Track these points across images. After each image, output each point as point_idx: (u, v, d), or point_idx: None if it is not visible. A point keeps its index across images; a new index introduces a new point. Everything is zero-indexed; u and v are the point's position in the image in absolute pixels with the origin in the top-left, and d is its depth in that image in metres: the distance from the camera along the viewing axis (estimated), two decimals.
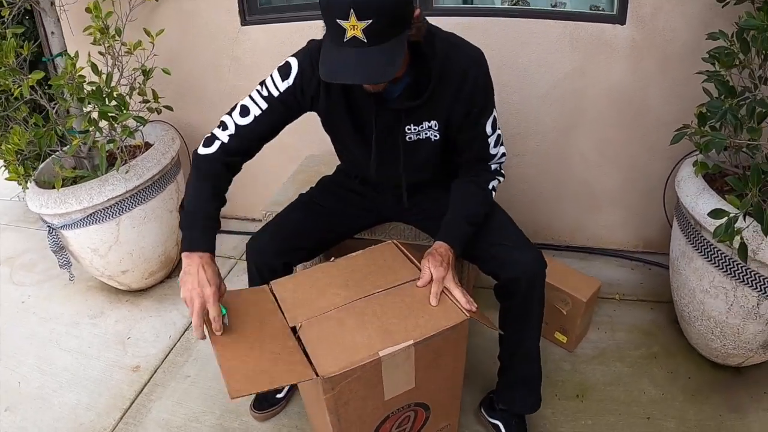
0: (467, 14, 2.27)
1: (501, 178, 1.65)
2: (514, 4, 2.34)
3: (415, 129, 1.55)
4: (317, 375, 1.20)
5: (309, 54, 1.50)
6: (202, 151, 1.50)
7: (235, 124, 1.51)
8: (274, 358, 1.23)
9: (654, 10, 2.10)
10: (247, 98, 1.53)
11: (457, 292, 1.39)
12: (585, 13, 2.25)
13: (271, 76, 1.52)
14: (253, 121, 1.51)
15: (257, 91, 1.52)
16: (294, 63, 1.51)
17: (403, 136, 1.56)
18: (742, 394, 1.95)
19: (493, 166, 1.63)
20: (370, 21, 1.16)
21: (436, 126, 1.54)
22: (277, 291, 1.46)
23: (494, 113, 1.55)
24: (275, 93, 1.51)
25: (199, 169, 1.50)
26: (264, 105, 1.51)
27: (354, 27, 1.17)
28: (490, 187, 1.61)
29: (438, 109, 1.50)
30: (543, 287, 1.60)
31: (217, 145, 1.50)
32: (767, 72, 1.68)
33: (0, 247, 3.16)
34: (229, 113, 1.53)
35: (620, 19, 2.15)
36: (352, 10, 1.15)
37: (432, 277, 1.40)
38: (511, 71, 2.31)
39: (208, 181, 1.48)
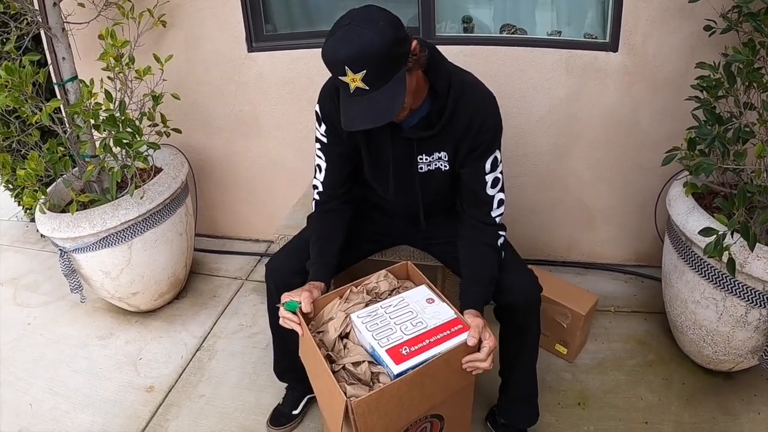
0: (467, 43, 2.36)
1: (505, 233, 1.68)
2: (512, 33, 2.44)
3: (426, 159, 1.64)
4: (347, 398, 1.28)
5: (324, 93, 1.66)
6: (312, 211, 1.82)
7: (320, 182, 1.77)
8: (319, 393, 1.33)
9: (644, 38, 2.21)
10: (315, 158, 1.77)
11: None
12: (579, 42, 2.36)
13: (316, 128, 1.73)
14: (326, 173, 1.75)
15: (316, 147, 1.75)
16: (317, 107, 1.68)
17: (416, 166, 1.65)
18: (734, 398, 2.05)
19: (495, 216, 1.66)
20: (365, 71, 1.28)
21: (445, 157, 1.63)
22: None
23: (496, 154, 1.61)
24: (324, 140, 1.71)
25: (310, 229, 1.79)
26: (323, 155, 1.74)
27: (354, 80, 1.30)
28: (500, 244, 1.66)
29: (448, 141, 1.59)
30: (538, 309, 1.69)
31: (314, 204, 1.81)
32: (751, 98, 1.80)
33: (1, 268, 3.15)
34: (315, 176, 1.79)
35: (613, 47, 2.26)
36: (346, 67, 1.28)
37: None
38: (509, 97, 2.40)
39: (312, 238, 1.74)
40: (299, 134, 2.77)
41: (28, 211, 3.42)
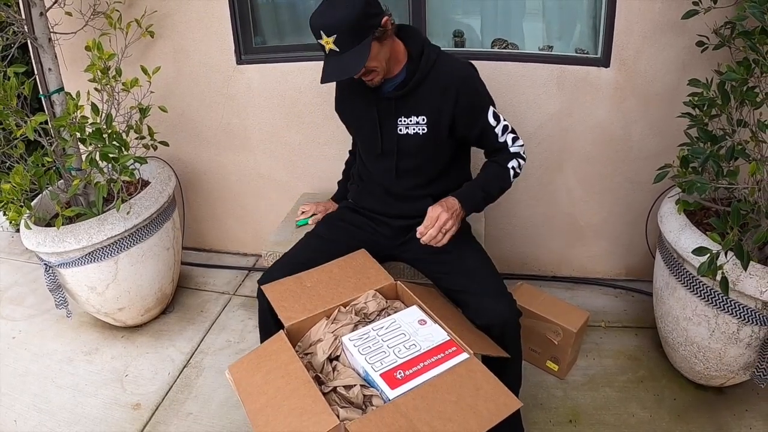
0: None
1: (522, 160, 1.85)
2: (503, 48, 2.43)
3: (405, 121, 1.79)
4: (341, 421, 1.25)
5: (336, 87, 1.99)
6: None
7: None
8: (300, 412, 1.27)
9: (636, 54, 2.21)
10: None
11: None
12: (571, 57, 2.37)
13: None
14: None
15: None
16: None
17: (396, 127, 1.80)
18: (726, 413, 2.04)
19: (512, 150, 1.83)
20: (335, 35, 1.54)
21: (423, 121, 1.77)
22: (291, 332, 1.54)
23: (492, 107, 1.79)
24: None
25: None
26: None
27: (327, 42, 1.56)
28: (509, 166, 1.81)
29: (426, 105, 1.75)
30: (517, 333, 1.69)
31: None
32: (743, 115, 1.80)
33: None
34: None
35: (604, 62, 2.26)
36: (321, 31, 1.55)
37: (435, 220, 1.66)
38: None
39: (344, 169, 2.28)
40: (288, 148, 2.75)
41: (12, 222, 3.36)
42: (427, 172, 1.88)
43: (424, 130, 1.78)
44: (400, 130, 1.80)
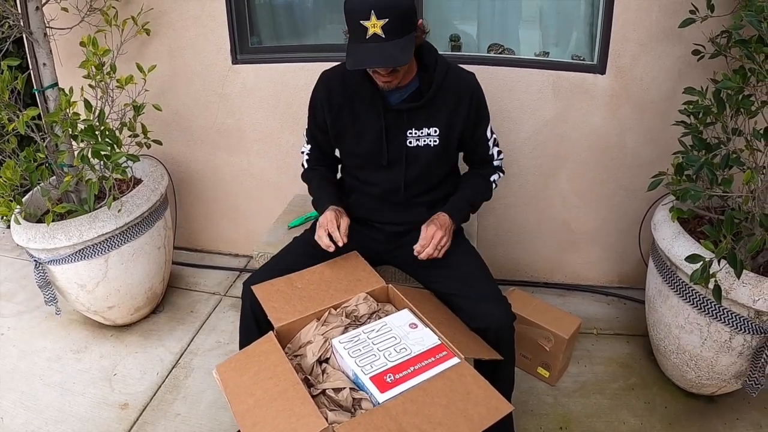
0: (455, 61, 2.35)
1: (502, 174, 1.95)
2: (500, 53, 2.43)
3: (416, 134, 1.75)
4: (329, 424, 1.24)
5: (319, 81, 1.85)
6: (304, 169, 2.03)
7: (306, 156, 2.01)
8: (288, 414, 1.26)
9: (632, 61, 2.22)
10: (304, 134, 2.00)
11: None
12: (567, 63, 2.37)
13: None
14: (310, 151, 2.00)
15: (306, 126, 1.97)
16: (312, 96, 1.87)
17: (405, 139, 1.76)
18: (717, 422, 2.04)
19: (495, 163, 1.92)
20: (387, 19, 1.45)
21: (436, 133, 1.75)
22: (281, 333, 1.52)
23: (490, 123, 1.86)
24: (309, 124, 1.94)
25: (308, 178, 2.00)
26: (307, 136, 1.98)
27: (374, 25, 1.46)
28: (492, 179, 1.91)
29: (438, 117, 1.74)
30: (511, 337, 1.68)
31: (305, 162, 2.03)
32: (739, 125, 1.81)
33: None
34: (303, 145, 2.01)
35: (600, 69, 2.27)
36: (372, 11, 1.44)
37: (431, 239, 1.68)
38: (495, 117, 2.35)
39: (315, 178, 1.96)
40: (282, 149, 2.74)
41: (4, 218, 3.33)
42: (432, 181, 1.87)
43: (435, 142, 1.76)
44: (410, 142, 1.76)
